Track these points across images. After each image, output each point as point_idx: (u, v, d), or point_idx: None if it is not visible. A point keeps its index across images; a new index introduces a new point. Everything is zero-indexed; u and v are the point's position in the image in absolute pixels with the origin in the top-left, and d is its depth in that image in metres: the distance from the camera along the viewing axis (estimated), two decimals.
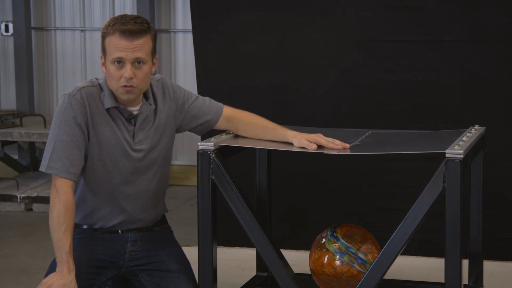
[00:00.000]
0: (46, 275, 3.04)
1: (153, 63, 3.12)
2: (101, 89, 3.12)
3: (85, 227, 3.22)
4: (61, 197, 3.00)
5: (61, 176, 3.02)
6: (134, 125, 3.14)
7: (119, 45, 3.02)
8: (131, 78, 3.02)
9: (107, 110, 3.10)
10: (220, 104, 3.30)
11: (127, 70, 3.02)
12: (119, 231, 3.21)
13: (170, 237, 3.34)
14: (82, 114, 3.06)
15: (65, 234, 2.98)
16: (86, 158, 3.10)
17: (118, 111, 3.12)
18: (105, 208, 3.17)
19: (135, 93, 3.07)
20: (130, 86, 3.04)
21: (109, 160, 3.12)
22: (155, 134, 3.18)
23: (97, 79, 3.17)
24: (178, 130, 3.29)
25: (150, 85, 3.19)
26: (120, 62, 3.03)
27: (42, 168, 3.05)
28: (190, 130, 3.31)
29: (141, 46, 3.03)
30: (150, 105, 3.16)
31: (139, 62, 3.04)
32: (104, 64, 3.10)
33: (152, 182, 3.20)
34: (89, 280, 3.10)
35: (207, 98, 3.31)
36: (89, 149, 3.09)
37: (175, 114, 3.24)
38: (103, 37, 3.07)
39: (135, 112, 3.14)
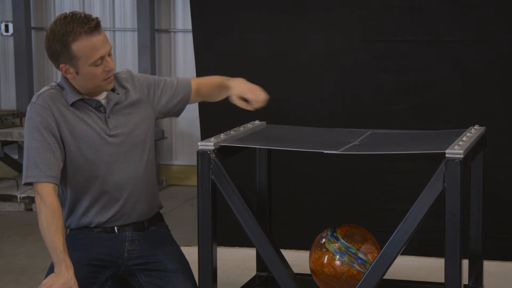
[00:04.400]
0: (46, 277, 3.04)
1: None
2: (62, 88, 3.14)
3: (82, 228, 3.22)
4: (45, 201, 3.00)
5: (41, 181, 3.02)
6: (105, 112, 3.16)
7: (94, 44, 3.02)
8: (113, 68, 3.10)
9: (73, 105, 3.12)
10: (188, 79, 3.38)
11: (110, 62, 3.08)
12: (115, 228, 3.21)
13: (167, 237, 3.34)
14: (48, 117, 3.07)
15: (56, 235, 2.98)
16: (65, 160, 3.11)
17: (84, 102, 3.14)
18: (98, 204, 3.17)
19: (113, 80, 3.15)
20: (111, 75, 3.11)
21: (89, 152, 3.12)
22: (129, 119, 3.20)
23: (55, 82, 3.19)
24: (158, 116, 3.33)
25: (116, 76, 3.24)
26: (101, 60, 3.05)
27: (23, 180, 3.06)
28: (170, 113, 3.36)
29: (105, 36, 3.09)
30: (118, 94, 3.19)
31: (109, 54, 3.10)
32: (68, 71, 3.06)
33: (139, 168, 3.20)
34: (89, 279, 3.11)
35: (174, 78, 3.38)
36: (67, 148, 3.10)
37: (150, 100, 3.28)
38: (66, 47, 3.00)
39: (101, 100, 3.17)
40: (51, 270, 3.06)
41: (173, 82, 3.35)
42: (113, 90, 3.19)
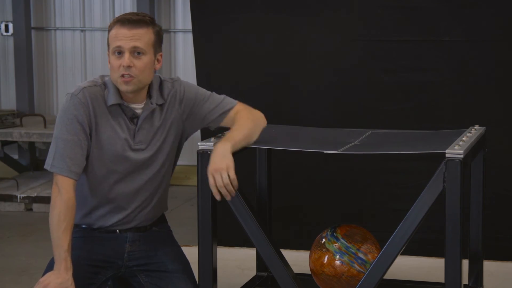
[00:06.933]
0: (44, 274, 3.04)
1: (157, 60, 3.11)
2: (105, 87, 3.12)
3: (84, 226, 3.22)
4: (63, 196, 3.00)
5: (63, 174, 3.02)
6: (136, 124, 3.14)
7: (118, 34, 3.04)
8: (129, 66, 3.02)
9: (110, 108, 3.10)
10: (231, 105, 3.23)
11: (125, 59, 3.02)
12: (117, 230, 3.21)
13: (169, 237, 3.34)
14: (84, 114, 3.06)
15: (64, 233, 2.98)
16: (87, 157, 3.10)
17: (121, 109, 3.12)
18: (104, 207, 3.17)
19: (134, 84, 3.05)
20: (129, 75, 3.03)
21: (108, 159, 3.11)
22: (157, 134, 3.16)
23: (101, 77, 3.16)
24: (188, 133, 3.25)
25: (162, 84, 3.18)
26: (120, 52, 3.04)
27: (47, 166, 3.06)
28: (203, 126, 3.27)
29: (139, 35, 3.04)
30: (151, 104, 3.15)
31: (138, 53, 3.04)
32: (108, 59, 3.11)
33: (152, 182, 3.19)
34: (87, 279, 3.11)
35: (220, 98, 3.25)
36: (90, 148, 3.10)
37: (182, 117, 3.21)
38: (108, 33, 3.10)
39: (138, 111, 3.13)
40: (49, 268, 3.07)
41: (213, 102, 3.22)
42: (150, 97, 3.15)
